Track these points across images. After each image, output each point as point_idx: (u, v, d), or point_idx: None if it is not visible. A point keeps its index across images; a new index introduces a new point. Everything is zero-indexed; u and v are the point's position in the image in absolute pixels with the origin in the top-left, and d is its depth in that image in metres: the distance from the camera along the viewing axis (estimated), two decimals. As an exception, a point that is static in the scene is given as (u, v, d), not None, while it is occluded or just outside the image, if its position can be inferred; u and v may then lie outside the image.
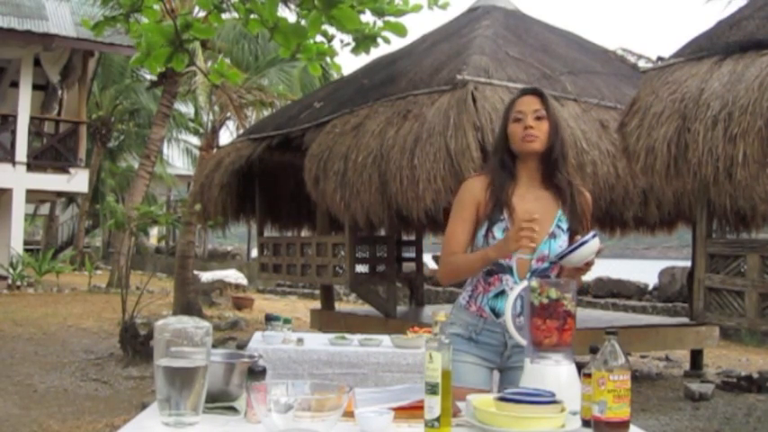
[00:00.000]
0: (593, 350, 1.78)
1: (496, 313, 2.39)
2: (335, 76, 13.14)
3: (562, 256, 2.32)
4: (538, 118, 2.42)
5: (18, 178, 15.20)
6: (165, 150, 22.76)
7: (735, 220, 7.42)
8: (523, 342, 2.11)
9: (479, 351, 2.42)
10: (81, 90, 16.81)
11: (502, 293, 2.39)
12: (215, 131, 13.14)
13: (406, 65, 7.91)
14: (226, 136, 27.50)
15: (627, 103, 5.62)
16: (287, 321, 4.57)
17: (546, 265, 2.39)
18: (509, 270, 2.39)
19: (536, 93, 2.49)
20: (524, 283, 2.15)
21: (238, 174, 8.97)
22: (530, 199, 2.43)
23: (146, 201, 15.23)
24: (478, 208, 2.45)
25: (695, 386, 6.62)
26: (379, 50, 17.31)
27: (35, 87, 16.08)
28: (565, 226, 2.42)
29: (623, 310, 11.93)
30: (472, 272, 2.44)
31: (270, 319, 4.50)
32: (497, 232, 2.39)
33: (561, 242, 2.39)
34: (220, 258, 21.55)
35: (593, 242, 2.28)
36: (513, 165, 2.46)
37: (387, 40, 5.80)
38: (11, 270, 14.68)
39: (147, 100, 21.70)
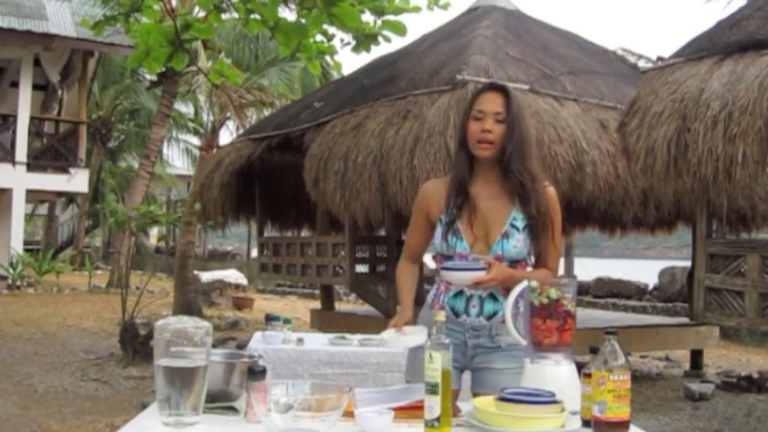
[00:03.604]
0: (593, 350, 1.78)
1: (456, 312, 2.40)
2: (336, 75, 13.16)
3: (444, 269, 2.34)
4: (497, 121, 2.36)
5: (18, 178, 15.20)
6: (165, 150, 22.76)
7: (735, 220, 7.42)
8: (523, 342, 2.11)
9: None
10: (81, 90, 16.81)
11: (460, 293, 2.40)
12: (215, 131, 13.14)
13: (406, 65, 7.91)
14: (226, 136, 27.52)
15: (627, 103, 5.61)
16: (287, 321, 4.56)
17: (504, 264, 2.36)
18: None
19: (501, 90, 2.41)
20: (524, 284, 2.15)
21: (238, 174, 8.97)
22: (484, 197, 2.41)
23: (146, 201, 15.23)
24: (429, 213, 2.47)
25: (695, 386, 6.62)
26: (380, 50, 17.30)
27: (35, 87, 16.07)
28: (521, 225, 2.38)
29: (623, 310, 11.94)
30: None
31: (270, 319, 4.49)
32: (452, 238, 2.38)
33: (515, 241, 2.37)
34: (220, 258, 21.54)
35: (470, 274, 2.27)
36: (472, 161, 2.42)
37: (387, 39, 5.80)
38: (11, 270, 14.68)
39: (147, 100, 21.71)
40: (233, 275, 14.58)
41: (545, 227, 2.39)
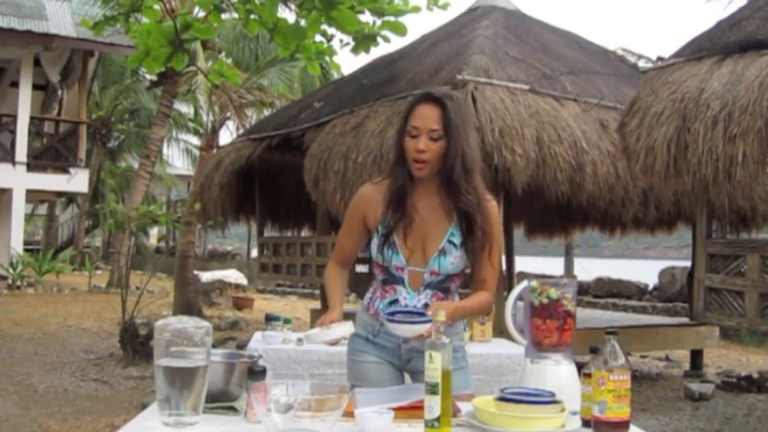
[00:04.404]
0: (593, 350, 1.78)
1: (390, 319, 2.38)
2: (335, 75, 13.15)
3: (390, 320, 2.22)
4: (432, 139, 2.22)
5: (18, 178, 15.21)
6: (165, 150, 22.76)
7: (735, 220, 7.42)
8: (524, 342, 2.10)
9: (378, 351, 2.43)
10: (81, 90, 16.82)
11: (395, 302, 2.38)
12: (215, 131, 13.14)
13: (406, 65, 7.91)
14: (226, 136, 27.53)
15: (627, 103, 5.62)
16: (287, 321, 4.57)
17: (441, 278, 2.33)
18: (401, 281, 2.36)
19: (437, 102, 2.23)
20: (524, 283, 2.14)
21: (238, 174, 8.98)
22: (422, 209, 2.32)
23: (146, 201, 15.23)
24: (366, 218, 2.38)
25: (695, 386, 6.62)
26: (379, 50, 17.31)
27: (35, 87, 16.08)
28: (458, 241, 2.30)
29: (623, 310, 11.95)
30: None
31: (270, 319, 4.49)
32: (388, 251, 2.33)
33: (453, 258, 2.30)
34: (220, 258, 21.54)
35: (416, 327, 2.17)
36: (410, 173, 2.29)
37: (386, 40, 5.80)
38: (11, 270, 14.68)
39: (147, 100, 21.71)
40: (233, 275, 14.59)
41: (484, 245, 2.31)
